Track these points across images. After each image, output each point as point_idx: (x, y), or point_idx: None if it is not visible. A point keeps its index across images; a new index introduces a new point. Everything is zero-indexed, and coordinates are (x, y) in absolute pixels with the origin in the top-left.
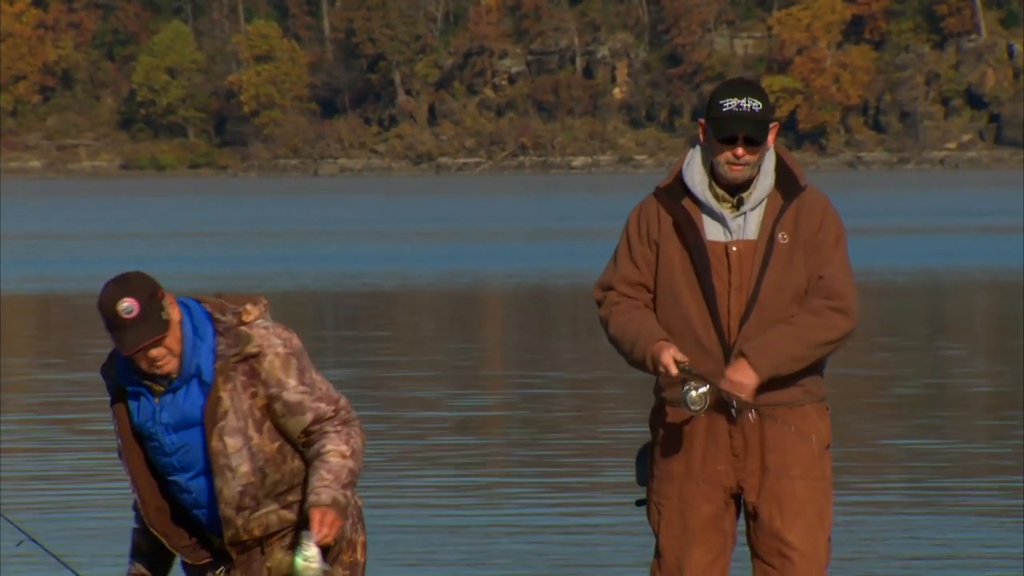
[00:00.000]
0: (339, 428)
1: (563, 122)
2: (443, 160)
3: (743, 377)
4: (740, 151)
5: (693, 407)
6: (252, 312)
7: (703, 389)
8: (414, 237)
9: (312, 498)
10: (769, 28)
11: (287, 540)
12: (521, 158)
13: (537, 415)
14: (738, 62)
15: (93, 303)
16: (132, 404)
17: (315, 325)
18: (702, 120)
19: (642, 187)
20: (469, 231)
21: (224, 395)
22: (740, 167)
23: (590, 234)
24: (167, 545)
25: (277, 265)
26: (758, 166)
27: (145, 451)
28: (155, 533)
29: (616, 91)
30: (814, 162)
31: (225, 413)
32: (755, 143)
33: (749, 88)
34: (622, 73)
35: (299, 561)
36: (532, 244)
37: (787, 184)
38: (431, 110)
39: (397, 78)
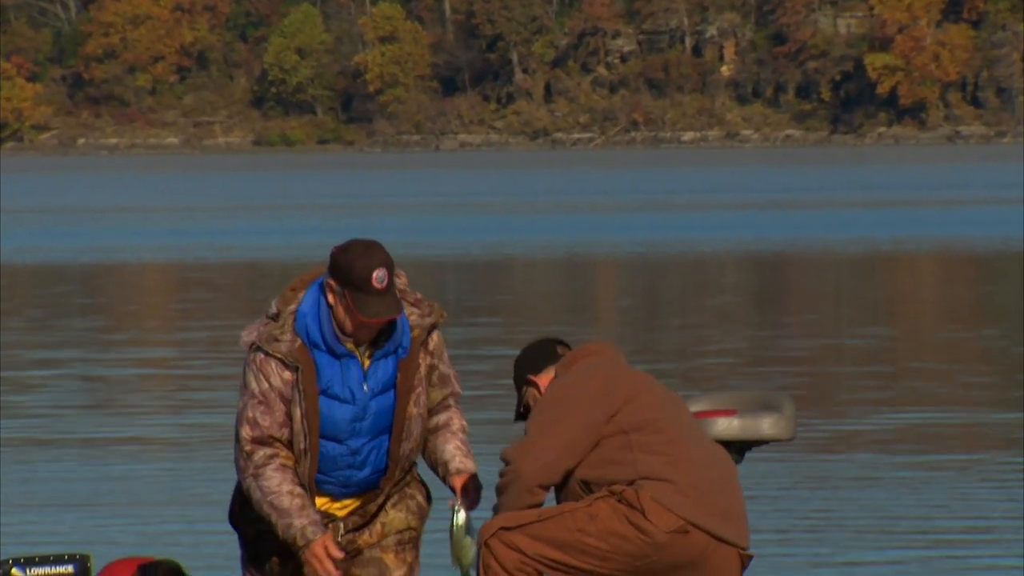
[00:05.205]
0: (458, 406)
1: (673, 99)
2: (558, 136)
3: None
4: None
5: None
6: (402, 281)
7: None
8: (531, 209)
9: (458, 465)
10: (871, 8)
11: (394, 499)
12: (633, 133)
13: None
14: (841, 41)
15: (233, 272)
16: (329, 369)
17: (439, 294)
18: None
19: (748, 161)
20: (583, 203)
21: (422, 363)
22: None
23: (699, 206)
24: (309, 503)
25: (399, 235)
26: None
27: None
28: (307, 491)
29: (724, 69)
30: (914, 136)
31: (420, 380)
32: None
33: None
34: (729, 51)
35: (460, 527)
36: (643, 215)
37: None
38: (547, 88)
39: (514, 57)
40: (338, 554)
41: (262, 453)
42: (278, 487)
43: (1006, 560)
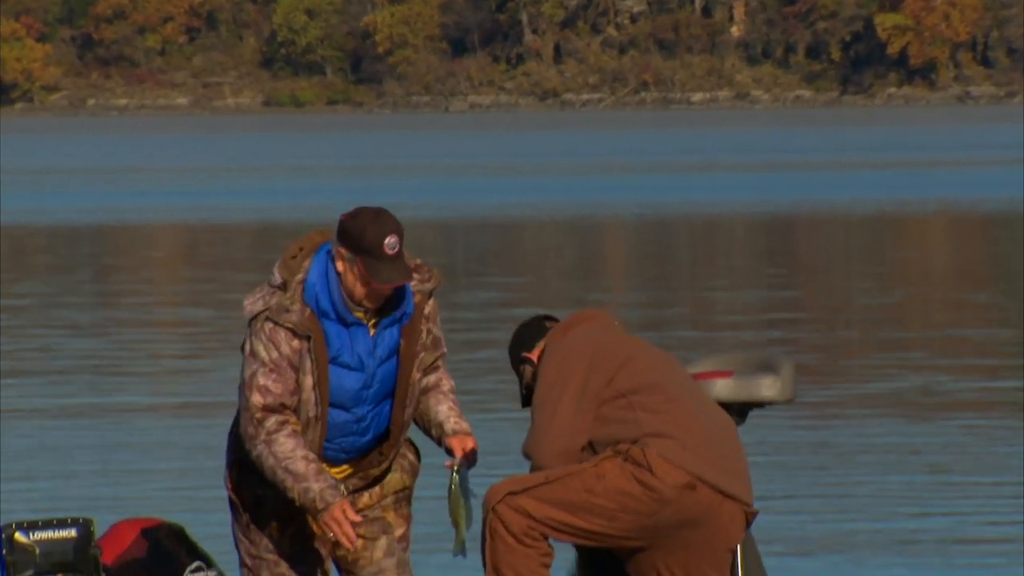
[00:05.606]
0: (446, 366)
1: (682, 59)
2: (568, 96)
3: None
4: None
5: None
6: None
7: None
8: (540, 170)
9: (453, 426)
10: None
11: (392, 463)
12: (642, 94)
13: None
14: (851, 1)
15: (239, 231)
16: (338, 338)
17: (447, 256)
18: None
19: (758, 122)
20: (593, 164)
21: (423, 328)
22: None
23: (708, 167)
24: (323, 468)
25: (409, 196)
26: None
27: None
28: (315, 455)
29: (734, 29)
30: (924, 97)
31: (423, 345)
32: None
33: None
34: (739, 12)
35: (459, 487)
36: (653, 176)
37: None
38: (556, 48)
39: (524, 18)
40: (356, 518)
41: (273, 419)
42: (292, 452)
43: (1013, 528)
